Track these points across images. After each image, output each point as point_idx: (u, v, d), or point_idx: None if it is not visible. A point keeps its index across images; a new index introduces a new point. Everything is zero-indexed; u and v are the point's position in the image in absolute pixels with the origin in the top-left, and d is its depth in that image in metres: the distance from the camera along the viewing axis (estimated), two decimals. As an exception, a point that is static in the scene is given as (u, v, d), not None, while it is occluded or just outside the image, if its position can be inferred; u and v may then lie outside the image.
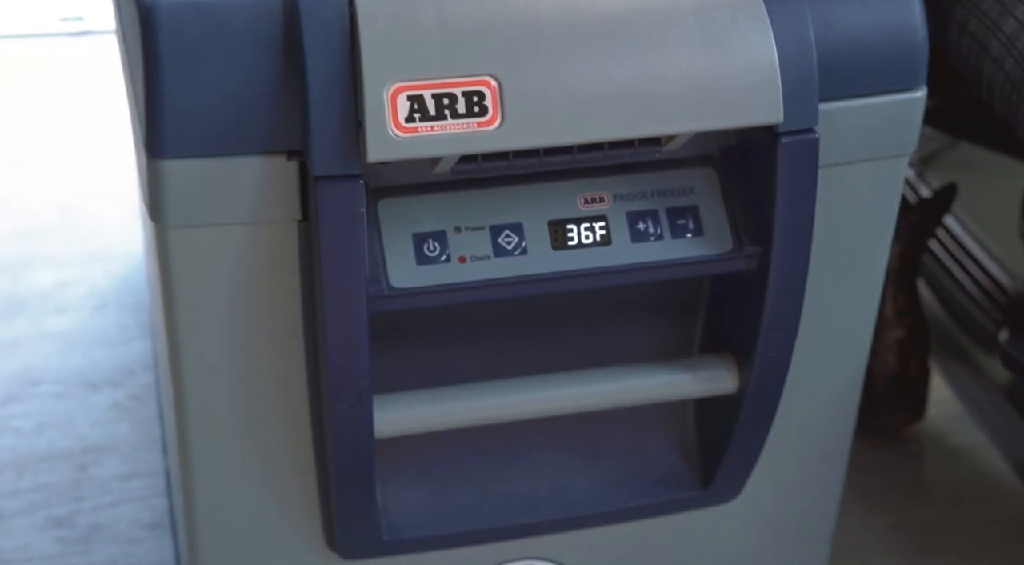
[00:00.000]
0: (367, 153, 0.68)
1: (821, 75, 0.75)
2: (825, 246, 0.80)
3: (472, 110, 0.69)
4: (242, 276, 0.75)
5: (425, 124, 0.68)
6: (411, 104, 0.68)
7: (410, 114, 0.68)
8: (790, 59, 0.73)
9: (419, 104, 0.68)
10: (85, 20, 1.93)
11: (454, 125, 0.69)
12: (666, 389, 0.84)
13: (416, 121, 0.68)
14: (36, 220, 1.57)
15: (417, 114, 0.68)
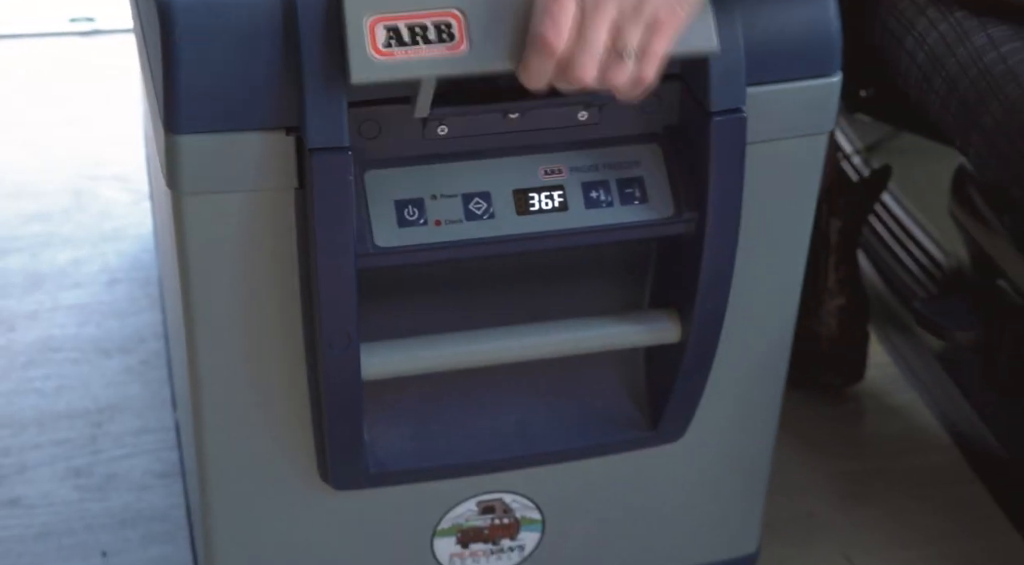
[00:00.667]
0: (350, 75, 0.74)
1: (748, 62, 0.83)
2: (755, 213, 0.87)
3: (441, 37, 0.75)
4: (246, 237, 0.82)
5: (401, 49, 0.75)
6: (388, 33, 0.74)
7: (387, 41, 0.74)
8: (722, 48, 0.81)
9: (395, 33, 0.74)
10: (95, 21, 1.92)
11: (427, 50, 0.75)
12: (618, 338, 0.92)
13: (392, 46, 0.74)
14: (52, 204, 1.58)
15: (393, 41, 0.74)
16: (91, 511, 1.20)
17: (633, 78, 0.76)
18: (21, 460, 1.25)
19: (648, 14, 0.75)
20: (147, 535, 1.18)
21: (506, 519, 0.99)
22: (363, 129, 0.81)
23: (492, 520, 0.98)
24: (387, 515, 0.96)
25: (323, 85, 0.77)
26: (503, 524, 0.99)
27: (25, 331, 1.40)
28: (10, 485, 1.22)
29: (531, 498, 0.98)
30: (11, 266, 1.49)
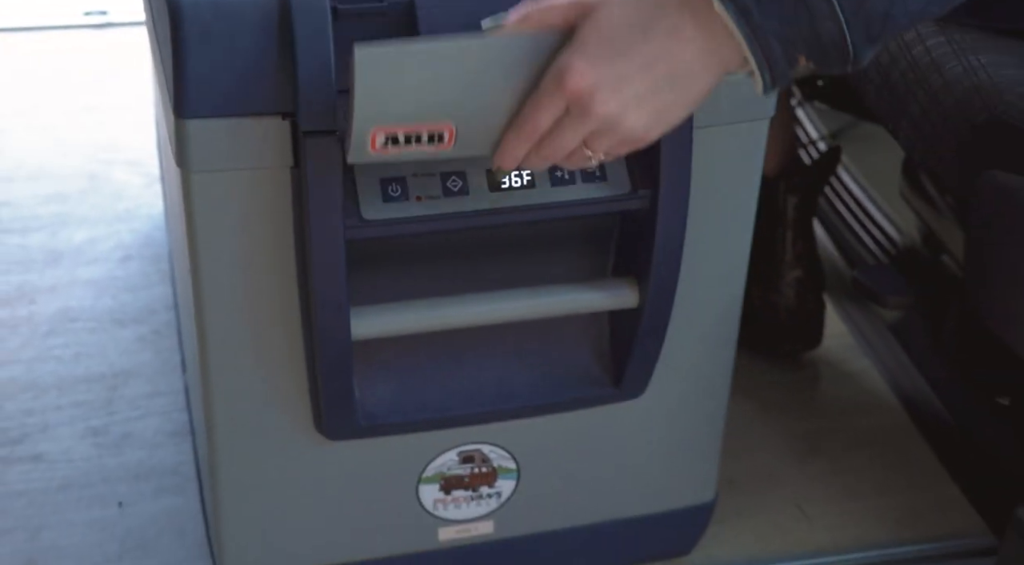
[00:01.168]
0: (346, 156, 0.81)
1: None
2: (703, 190, 0.94)
3: (432, 140, 0.80)
4: (248, 211, 0.89)
5: (395, 147, 0.80)
6: (386, 137, 0.79)
7: (384, 142, 0.79)
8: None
9: (392, 137, 0.79)
10: (108, 14, 1.99)
11: (416, 148, 0.80)
12: (583, 303, 0.98)
13: (388, 145, 0.80)
14: (69, 186, 1.64)
15: (390, 142, 0.79)
16: (108, 466, 1.27)
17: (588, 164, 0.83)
18: (43, 420, 1.32)
19: (623, 133, 0.79)
20: (159, 487, 1.24)
21: (484, 468, 1.06)
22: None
23: (472, 469, 1.05)
24: (376, 464, 1.03)
25: (315, 75, 0.84)
26: (482, 472, 1.06)
27: (46, 303, 1.46)
28: (33, 442, 1.29)
29: (507, 449, 1.05)
30: (32, 243, 1.56)
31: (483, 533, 1.09)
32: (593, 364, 1.03)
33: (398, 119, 0.79)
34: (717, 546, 1.19)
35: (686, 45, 0.77)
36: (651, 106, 0.78)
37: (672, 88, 0.78)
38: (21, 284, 1.49)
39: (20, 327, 1.43)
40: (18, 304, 1.47)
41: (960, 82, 1.01)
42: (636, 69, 0.77)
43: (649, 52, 0.77)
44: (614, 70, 0.77)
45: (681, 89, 0.78)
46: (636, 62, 0.77)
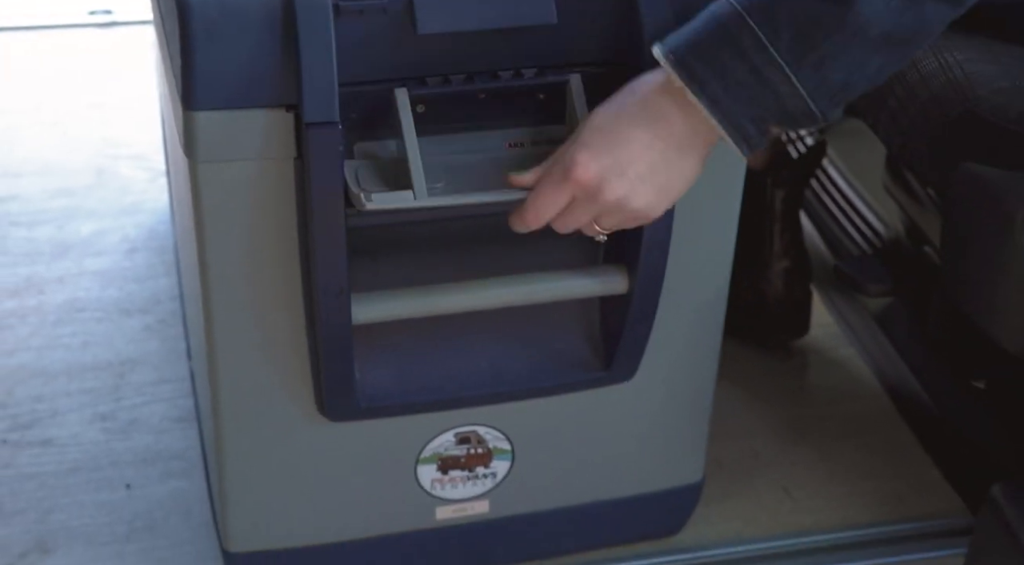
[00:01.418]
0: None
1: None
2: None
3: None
4: (253, 200, 0.92)
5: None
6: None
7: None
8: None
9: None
10: (113, 13, 2.01)
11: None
12: (576, 289, 1.01)
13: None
14: (76, 180, 1.67)
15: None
16: (116, 450, 1.30)
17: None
18: (53, 406, 1.35)
19: (631, 211, 0.90)
20: (166, 471, 1.28)
21: (480, 449, 1.09)
22: (352, 107, 0.92)
23: (468, 450, 1.09)
24: (376, 445, 1.06)
25: (317, 70, 0.87)
26: (478, 453, 1.09)
27: (54, 294, 1.50)
28: (44, 427, 1.32)
29: (502, 430, 1.08)
30: (40, 236, 1.59)
31: (479, 512, 1.12)
32: (585, 348, 1.06)
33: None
34: (705, 526, 1.22)
35: (674, 127, 0.88)
36: (653, 184, 0.89)
37: (668, 166, 0.89)
38: (30, 275, 1.52)
39: (29, 317, 1.46)
40: (27, 295, 1.50)
41: (935, 77, 1.05)
42: (635, 154, 0.88)
43: (643, 137, 0.88)
44: (615, 157, 0.88)
45: (676, 165, 0.89)
46: (634, 147, 0.88)
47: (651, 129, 0.88)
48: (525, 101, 0.96)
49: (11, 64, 1.91)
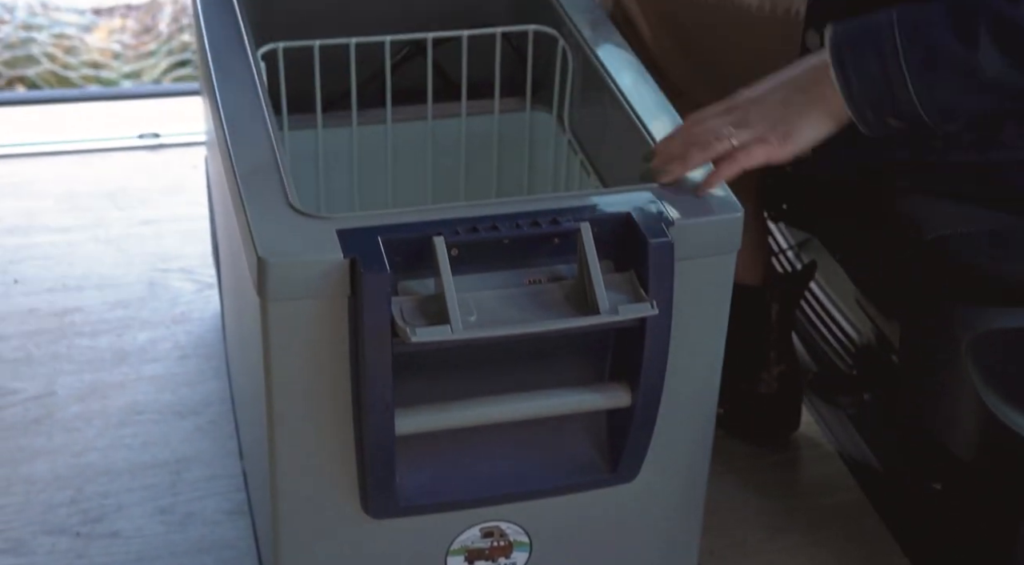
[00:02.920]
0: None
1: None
2: (684, 309, 1.09)
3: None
4: (313, 331, 1.04)
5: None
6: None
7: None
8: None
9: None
10: (160, 136, 2.14)
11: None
12: (585, 404, 1.12)
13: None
14: (131, 293, 1.79)
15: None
16: (174, 541, 1.40)
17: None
18: (118, 501, 1.45)
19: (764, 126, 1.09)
20: (220, 560, 1.38)
21: (502, 542, 1.18)
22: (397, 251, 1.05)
23: (491, 542, 1.18)
24: (412, 538, 1.16)
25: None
26: (500, 546, 1.19)
27: (116, 398, 1.61)
28: (111, 521, 1.43)
29: (521, 525, 1.18)
30: (101, 345, 1.70)
31: (501, 598, 1.23)
32: (593, 453, 1.17)
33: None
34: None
35: (816, 93, 1.09)
36: (786, 123, 1.09)
37: (801, 117, 1.09)
38: (93, 381, 1.64)
39: (95, 420, 1.58)
40: (92, 399, 1.62)
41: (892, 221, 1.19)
42: (783, 89, 1.10)
43: (797, 97, 1.10)
44: (769, 87, 1.11)
45: (809, 119, 1.09)
46: (785, 88, 1.11)
47: (802, 89, 1.09)
48: (542, 244, 1.09)
49: (70, 186, 2.04)
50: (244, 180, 1.11)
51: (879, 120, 1.09)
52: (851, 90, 1.08)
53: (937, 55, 1.05)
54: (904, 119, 1.08)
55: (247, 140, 1.16)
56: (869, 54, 1.07)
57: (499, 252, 1.08)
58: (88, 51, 3.41)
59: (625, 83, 1.29)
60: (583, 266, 1.07)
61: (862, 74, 1.07)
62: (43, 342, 1.71)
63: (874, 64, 1.07)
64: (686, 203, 1.10)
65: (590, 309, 1.06)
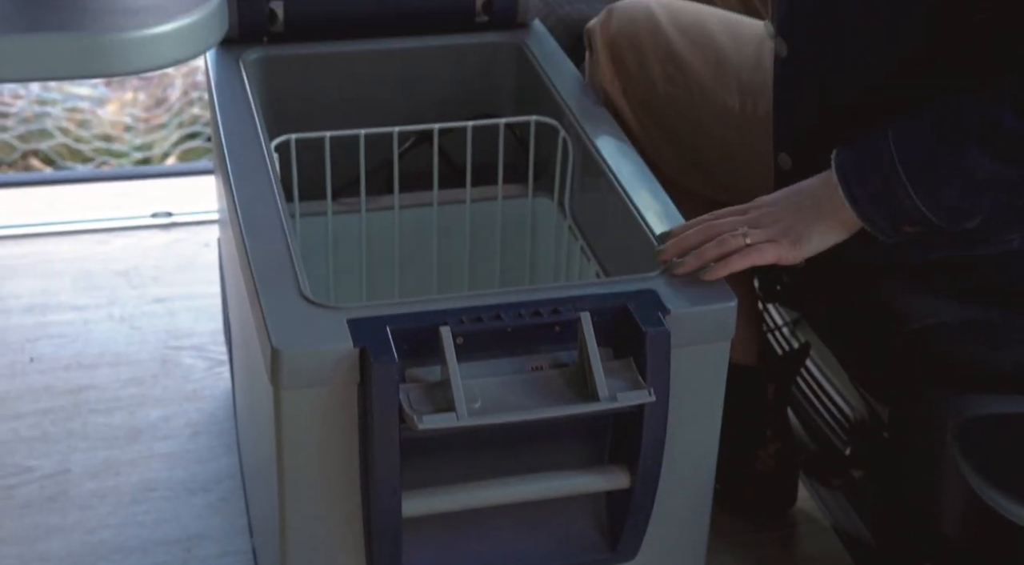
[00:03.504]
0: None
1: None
2: (680, 395, 1.13)
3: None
4: (324, 416, 1.08)
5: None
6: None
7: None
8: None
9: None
10: (173, 215, 2.19)
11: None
12: (586, 486, 1.16)
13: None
14: (144, 370, 1.83)
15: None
16: None
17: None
18: (131, 578, 1.50)
19: (778, 229, 1.16)
20: None
21: None
22: (405, 340, 1.09)
23: None
24: None
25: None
26: None
27: (129, 475, 1.64)
28: (124, 597, 1.47)
29: None
30: (115, 422, 1.74)
31: None
32: (594, 533, 1.20)
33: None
34: None
35: (826, 208, 1.16)
36: (796, 231, 1.16)
37: (809, 228, 1.16)
38: (107, 458, 1.68)
39: (108, 497, 1.61)
40: (105, 476, 1.65)
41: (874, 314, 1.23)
42: (798, 196, 1.17)
43: (808, 208, 1.17)
44: (786, 194, 1.19)
45: (818, 230, 1.16)
46: (800, 196, 1.18)
47: (816, 200, 1.16)
48: (544, 332, 1.13)
49: (85, 264, 2.08)
50: (259, 271, 1.16)
51: (894, 229, 1.15)
52: (861, 208, 1.14)
53: (932, 163, 1.12)
54: (918, 225, 1.15)
55: (261, 231, 1.21)
56: (872, 174, 1.14)
57: (502, 340, 1.12)
58: (100, 124, 3.47)
59: (622, 172, 1.34)
60: (583, 354, 1.11)
61: (869, 193, 1.14)
62: (58, 419, 1.74)
63: (877, 181, 1.13)
64: (681, 293, 1.14)
65: (590, 396, 1.09)
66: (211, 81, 1.47)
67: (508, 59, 1.60)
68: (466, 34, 1.59)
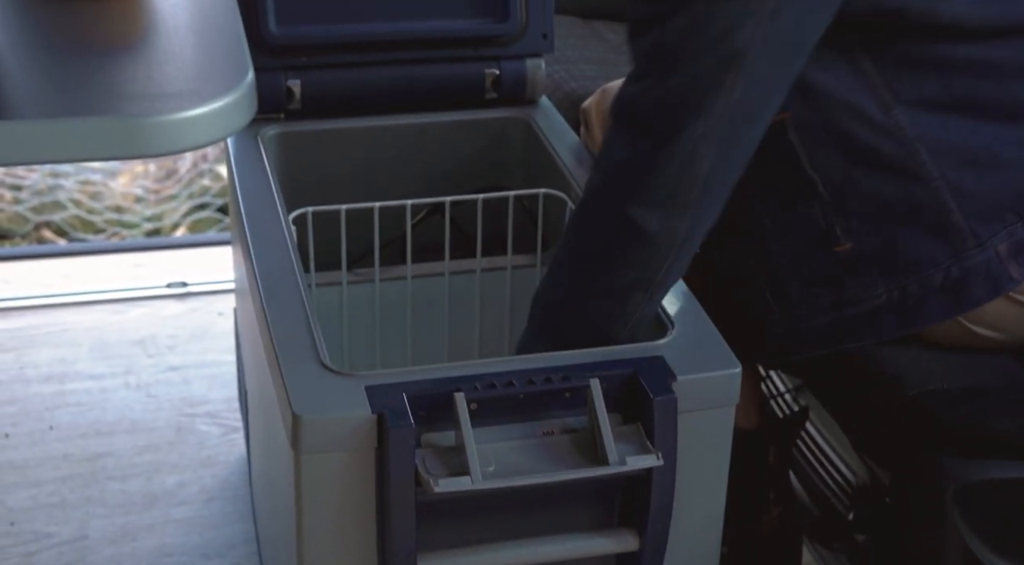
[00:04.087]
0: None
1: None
2: (687, 458, 1.15)
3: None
4: (342, 480, 1.10)
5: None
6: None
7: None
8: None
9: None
10: (188, 285, 2.23)
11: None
12: (596, 548, 1.18)
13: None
14: (160, 437, 1.86)
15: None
16: None
17: None
18: (148, 640, 1.52)
19: None
20: None
21: None
22: (420, 406, 1.12)
23: None
24: None
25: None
26: None
27: (146, 541, 1.67)
28: (141, 659, 1.49)
29: None
30: (131, 488, 1.76)
31: None
32: (603, 594, 1.22)
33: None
34: None
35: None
36: None
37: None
38: (125, 525, 1.70)
39: (125, 562, 1.64)
40: (123, 542, 1.67)
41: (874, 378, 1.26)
42: None
43: None
44: None
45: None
46: None
47: None
48: (554, 399, 1.16)
49: (102, 334, 2.12)
50: (279, 339, 1.19)
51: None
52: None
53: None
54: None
55: (281, 300, 1.25)
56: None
57: (515, 406, 1.15)
58: (112, 196, 3.52)
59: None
60: (593, 419, 1.14)
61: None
62: (77, 486, 1.77)
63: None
64: (687, 360, 1.18)
65: (600, 460, 1.12)
66: (231, 156, 1.51)
67: (517, 134, 1.65)
68: (476, 110, 1.64)
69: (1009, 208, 1.22)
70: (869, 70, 1.19)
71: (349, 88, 1.60)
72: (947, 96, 1.20)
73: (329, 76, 1.59)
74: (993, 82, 1.21)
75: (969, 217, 1.21)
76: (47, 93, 0.87)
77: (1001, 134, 1.22)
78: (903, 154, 1.20)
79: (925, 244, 1.22)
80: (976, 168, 1.21)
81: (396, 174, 1.63)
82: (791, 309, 1.30)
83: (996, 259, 1.22)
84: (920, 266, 1.23)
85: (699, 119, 1.11)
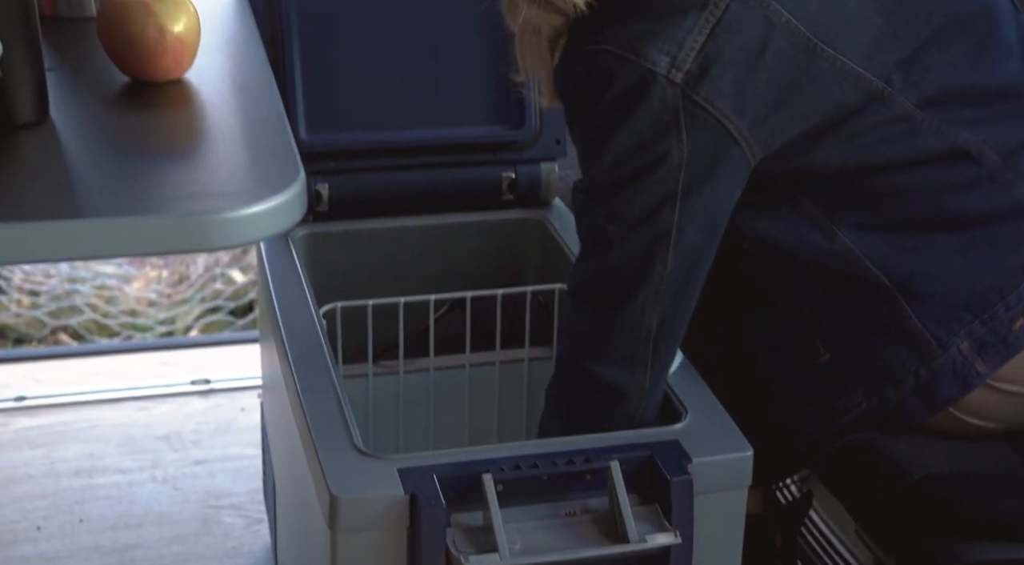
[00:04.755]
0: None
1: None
2: (703, 536, 1.20)
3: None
4: (377, 556, 1.15)
5: None
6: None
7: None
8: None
9: None
10: (211, 382, 2.29)
11: None
12: None
13: None
14: (186, 529, 1.90)
15: None
16: None
17: None
18: None
19: None
20: None
21: None
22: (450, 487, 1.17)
23: None
24: None
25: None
26: None
27: (174, 629, 1.72)
28: None
29: None
30: (159, 580, 1.82)
31: None
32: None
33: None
34: None
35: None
36: None
37: None
38: (153, 614, 1.75)
39: (156, 649, 1.68)
40: (153, 631, 1.72)
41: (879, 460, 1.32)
42: None
43: None
44: None
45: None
46: None
47: None
48: (576, 480, 1.22)
49: (129, 430, 2.17)
50: (315, 426, 1.25)
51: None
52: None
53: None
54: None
55: (315, 390, 1.31)
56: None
57: (539, 487, 1.20)
58: (127, 300, 3.59)
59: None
60: (613, 499, 1.19)
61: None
62: (106, 577, 1.81)
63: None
64: (702, 443, 1.23)
65: (620, 538, 1.17)
66: (263, 255, 1.59)
67: (533, 233, 1.73)
68: (494, 211, 1.72)
69: (964, 309, 1.27)
70: (807, 205, 1.27)
71: (374, 191, 1.68)
72: (881, 219, 1.27)
73: (355, 180, 1.67)
74: (921, 202, 1.27)
75: (928, 322, 1.27)
76: (107, 196, 0.94)
77: (943, 243, 1.27)
78: (856, 271, 1.27)
79: (892, 350, 1.28)
80: (925, 276, 1.27)
81: (419, 271, 1.70)
82: (791, 429, 1.36)
83: (961, 358, 1.28)
84: (891, 372, 1.29)
85: (641, 287, 1.23)
